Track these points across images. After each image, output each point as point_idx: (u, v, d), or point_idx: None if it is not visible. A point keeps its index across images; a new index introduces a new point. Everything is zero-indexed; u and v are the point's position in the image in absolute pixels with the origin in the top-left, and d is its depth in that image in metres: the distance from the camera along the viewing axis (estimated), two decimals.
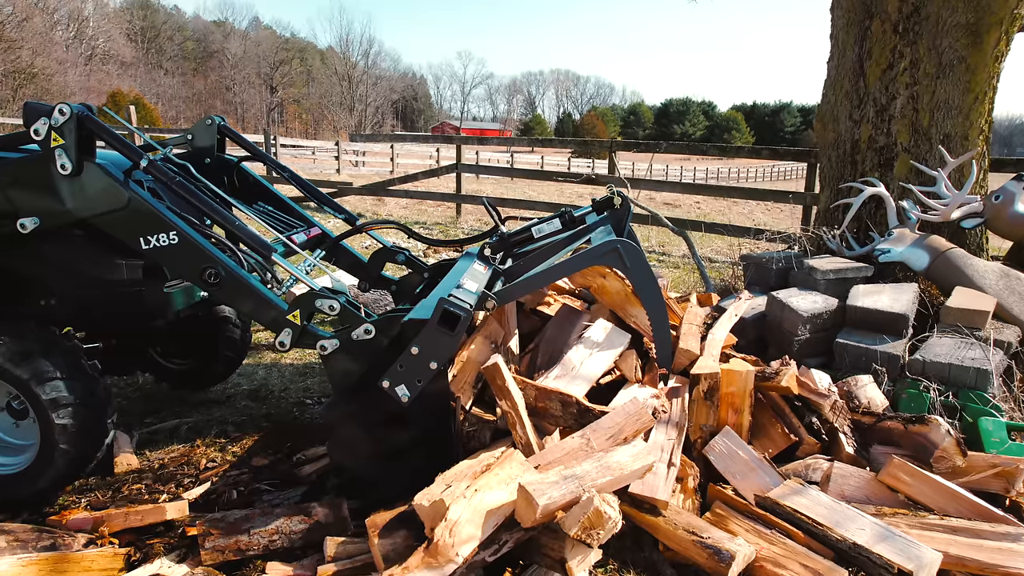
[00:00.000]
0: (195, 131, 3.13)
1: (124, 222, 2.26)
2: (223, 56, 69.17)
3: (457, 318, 2.03)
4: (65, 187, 2.23)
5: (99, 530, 2.17)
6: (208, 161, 3.11)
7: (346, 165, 22.07)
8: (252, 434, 3.22)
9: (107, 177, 2.21)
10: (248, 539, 2.06)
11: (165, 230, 2.24)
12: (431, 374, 2.08)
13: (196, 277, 2.26)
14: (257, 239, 2.31)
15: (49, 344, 2.38)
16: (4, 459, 2.47)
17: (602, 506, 1.70)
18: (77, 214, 2.29)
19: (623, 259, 2.32)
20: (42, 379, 2.29)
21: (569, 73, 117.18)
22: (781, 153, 9.20)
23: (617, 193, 2.82)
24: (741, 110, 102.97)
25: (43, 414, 2.30)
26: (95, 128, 2.21)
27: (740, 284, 4.84)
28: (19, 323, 2.42)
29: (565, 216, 2.85)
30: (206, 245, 2.25)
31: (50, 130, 2.17)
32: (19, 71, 30.44)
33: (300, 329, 2.23)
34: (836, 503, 2.17)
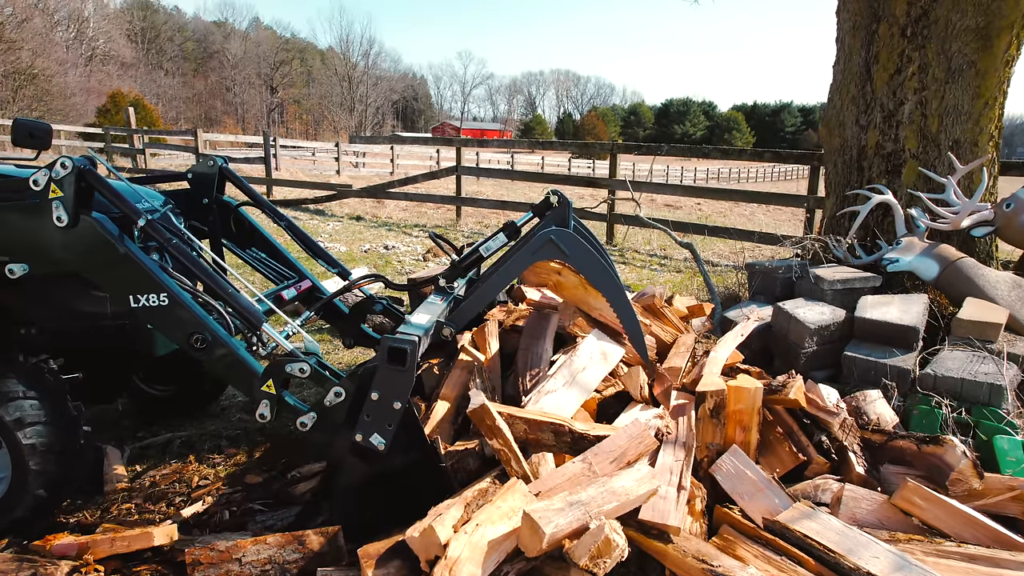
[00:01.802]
0: (196, 170, 3.07)
1: (115, 278, 2.21)
2: (223, 57, 69.15)
3: (404, 352, 2.01)
4: (59, 239, 2.19)
5: (84, 557, 2.09)
6: (206, 201, 3.06)
7: (346, 166, 22.01)
8: (246, 449, 3.15)
9: (103, 232, 2.16)
10: (240, 569, 1.98)
11: (156, 291, 2.19)
12: (398, 415, 2.05)
13: (183, 341, 2.21)
14: (249, 309, 2.26)
15: (10, 366, 2.32)
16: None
17: (611, 534, 1.63)
18: (68, 266, 2.24)
19: (559, 247, 2.34)
20: (4, 399, 2.23)
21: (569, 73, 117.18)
22: (784, 156, 9.12)
23: (553, 192, 2.79)
24: (741, 110, 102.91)
25: (10, 437, 2.23)
26: (95, 183, 2.16)
27: (744, 291, 4.77)
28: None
29: (508, 229, 2.82)
30: (196, 310, 2.20)
31: (49, 182, 2.13)
32: (19, 72, 30.38)
33: (277, 399, 2.19)
34: (848, 528, 2.09)
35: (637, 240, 9.69)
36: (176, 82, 61.46)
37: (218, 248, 3.09)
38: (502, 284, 2.49)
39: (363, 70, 77.37)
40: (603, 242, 9.20)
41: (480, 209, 11.74)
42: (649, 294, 3.21)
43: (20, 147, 2.62)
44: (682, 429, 2.42)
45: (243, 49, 71.16)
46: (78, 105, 35.52)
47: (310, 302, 3.05)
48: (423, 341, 2.14)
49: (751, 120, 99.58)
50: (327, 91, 73.95)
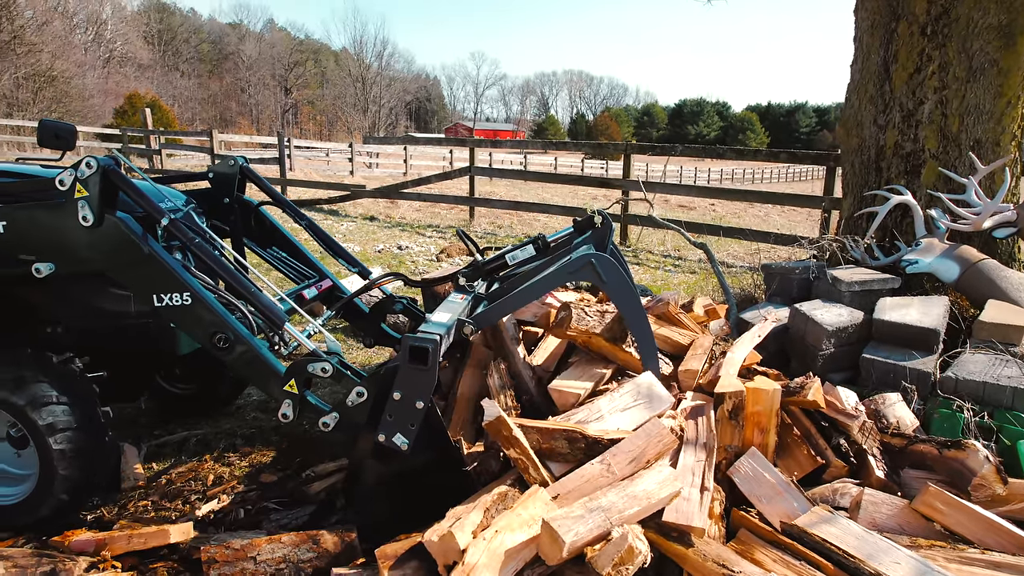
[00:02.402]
0: (217, 169, 3.09)
1: (140, 278, 2.23)
2: (238, 58, 69.71)
3: (425, 351, 2.00)
4: (85, 238, 2.21)
5: (102, 553, 2.11)
6: (227, 200, 3.08)
7: (359, 167, 22.10)
8: (261, 448, 3.16)
9: (127, 232, 2.18)
10: (255, 567, 1.99)
11: (179, 290, 2.20)
12: (420, 414, 2.04)
13: (206, 340, 2.22)
14: (271, 309, 2.26)
15: (45, 369, 2.34)
16: (6, 489, 2.43)
17: (634, 542, 1.62)
18: (93, 264, 2.26)
19: (598, 272, 2.34)
20: (38, 404, 2.25)
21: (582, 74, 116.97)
22: (800, 157, 9.04)
23: (597, 212, 2.78)
24: (756, 110, 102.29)
25: (41, 440, 2.26)
26: (119, 182, 2.18)
27: (760, 293, 4.73)
28: (14, 349, 2.39)
29: (538, 242, 2.82)
30: (219, 310, 2.21)
31: (75, 181, 2.15)
32: (39, 74, 30.75)
33: (300, 399, 2.19)
34: (868, 533, 2.06)
35: (651, 241, 9.64)
36: (192, 83, 62.02)
37: (239, 247, 3.10)
38: (533, 296, 2.49)
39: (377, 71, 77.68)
40: (617, 243, 9.20)
41: (493, 210, 11.75)
42: (664, 301, 3.19)
43: (45, 148, 2.64)
44: (702, 429, 2.39)
45: (258, 50, 71.69)
46: (96, 106, 35.91)
47: (331, 301, 3.06)
48: (444, 340, 2.14)
49: (765, 120, 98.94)
50: (341, 92, 74.31)
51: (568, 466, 2.09)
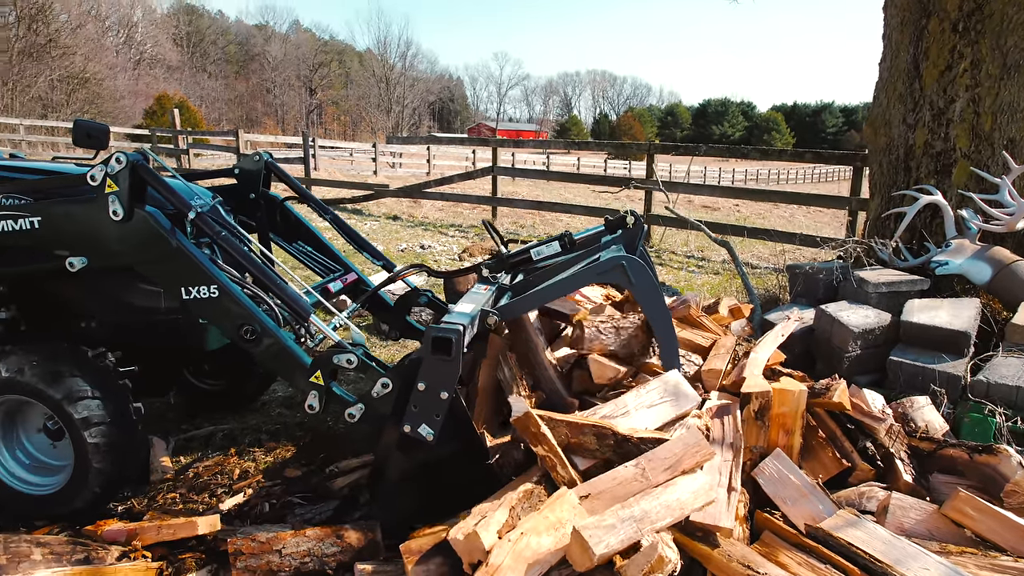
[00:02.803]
0: (242, 165, 3.13)
1: (168, 271, 2.27)
2: (264, 59, 70.53)
3: (449, 342, 2.01)
4: (115, 232, 2.26)
5: (132, 543, 2.16)
6: (253, 196, 3.12)
7: (383, 167, 22.25)
8: (286, 443, 3.21)
9: (155, 226, 2.22)
10: (280, 560, 2.02)
11: (207, 283, 2.24)
12: (445, 404, 2.05)
13: (233, 332, 2.25)
14: (297, 301, 2.29)
15: (81, 364, 2.39)
16: (42, 479, 2.50)
17: (664, 551, 1.61)
18: (124, 258, 2.31)
19: (628, 275, 2.33)
20: (74, 398, 2.30)
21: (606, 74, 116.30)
22: (825, 157, 8.92)
23: (630, 213, 2.76)
24: (781, 110, 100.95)
25: (76, 434, 2.31)
26: (148, 177, 2.22)
27: (785, 294, 4.67)
28: (52, 344, 2.45)
29: (564, 240, 2.81)
30: (246, 302, 2.24)
31: (105, 177, 2.20)
32: (73, 76, 31.46)
33: (325, 390, 2.21)
34: (895, 538, 2.03)
35: (675, 241, 9.58)
36: (218, 84, 62.87)
37: (265, 242, 3.14)
38: (560, 293, 2.50)
39: (400, 71, 78.12)
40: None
41: (515, 209, 11.75)
42: (686, 304, 3.16)
43: (80, 147, 2.70)
44: (728, 429, 2.37)
45: (283, 51, 72.45)
46: (126, 107, 36.59)
47: (356, 295, 3.09)
48: (468, 330, 2.14)
49: (791, 120, 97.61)
50: (365, 92, 74.84)
51: (594, 461, 2.08)
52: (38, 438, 2.56)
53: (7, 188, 2.44)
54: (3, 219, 2.33)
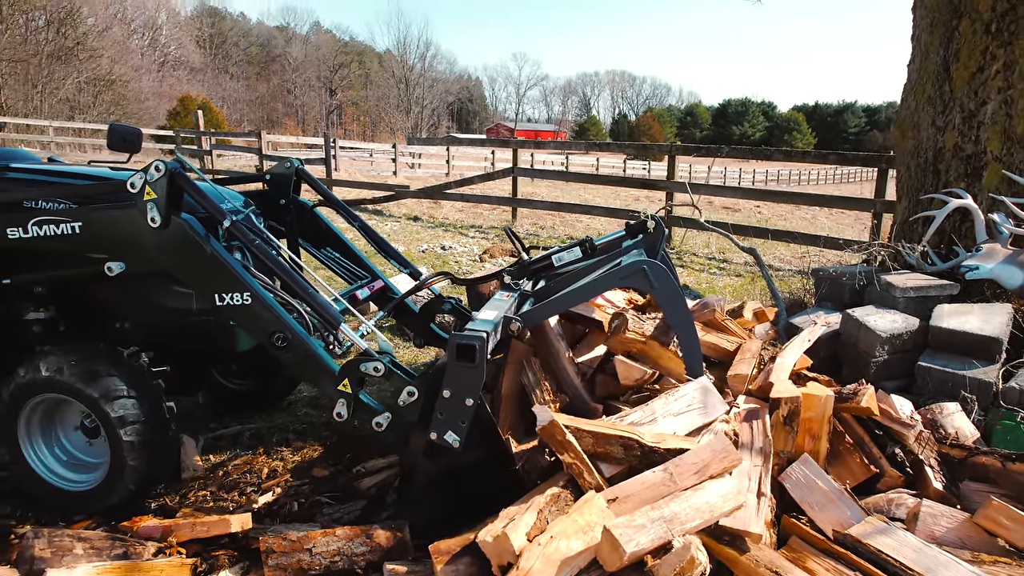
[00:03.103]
0: (274, 171, 3.18)
1: (202, 277, 2.31)
2: (285, 60, 71.20)
3: (473, 348, 2.02)
4: (152, 238, 2.31)
5: (168, 539, 2.20)
6: (283, 202, 3.17)
7: (402, 167, 22.37)
8: (313, 443, 3.24)
9: (191, 233, 2.27)
10: (310, 559, 2.04)
11: (240, 290, 2.27)
12: (470, 411, 2.07)
13: (265, 339, 2.29)
14: (328, 310, 2.32)
15: (117, 364, 2.45)
16: (79, 476, 2.56)
17: (696, 553, 1.62)
18: (160, 264, 2.36)
19: (650, 279, 2.32)
20: (111, 397, 2.36)
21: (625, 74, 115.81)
22: (850, 158, 8.82)
23: (651, 217, 2.76)
24: (802, 110, 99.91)
25: (112, 432, 2.37)
26: (185, 185, 2.27)
27: (809, 297, 4.64)
28: (89, 344, 2.51)
29: (585, 245, 2.82)
30: (278, 310, 2.28)
31: (144, 184, 2.25)
32: (99, 78, 32.06)
33: (353, 398, 2.24)
34: (926, 546, 2.01)
35: (696, 243, 9.54)
36: (240, 85, 63.57)
37: (295, 248, 3.19)
38: (582, 298, 2.50)
39: (419, 72, 78.42)
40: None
41: (535, 210, 11.76)
42: (710, 307, 3.15)
43: (114, 150, 2.76)
44: (757, 435, 2.36)
45: (304, 53, 73.08)
46: (151, 109, 37.16)
47: (382, 302, 3.12)
48: (491, 337, 2.16)
49: (812, 121, 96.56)
50: (384, 93, 75.27)
51: (620, 468, 2.09)
52: (75, 436, 2.62)
53: (50, 193, 2.51)
54: (47, 224, 2.39)
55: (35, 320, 2.69)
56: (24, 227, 2.42)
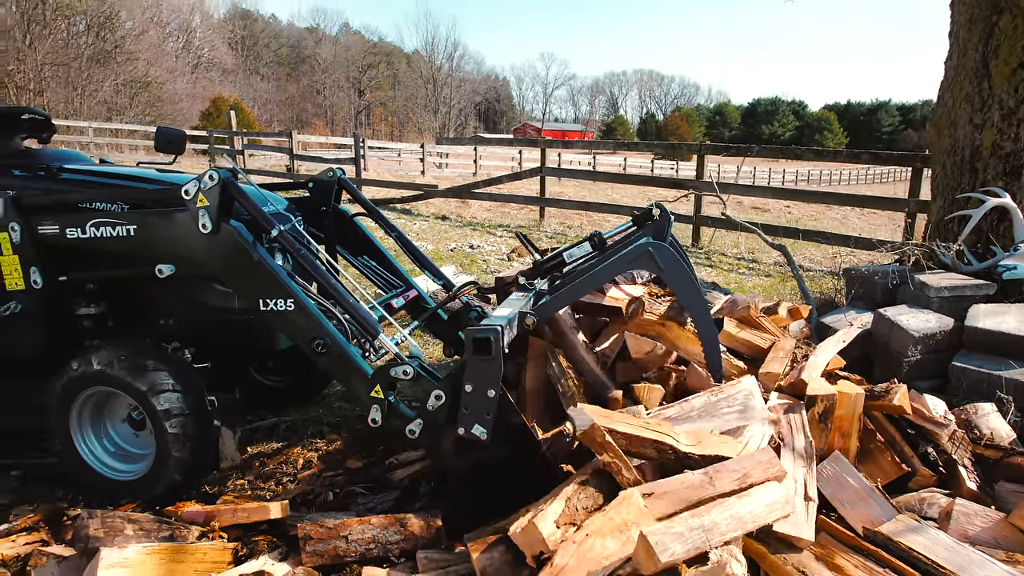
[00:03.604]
0: (317, 179, 3.27)
1: (249, 283, 2.40)
2: (314, 61, 72.06)
3: (488, 341, 2.08)
4: (203, 244, 2.40)
5: (210, 524, 2.28)
6: (324, 209, 3.25)
7: (430, 167, 22.54)
8: (346, 435, 3.32)
9: (240, 239, 2.36)
10: (346, 546, 2.11)
11: (284, 296, 2.36)
12: (493, 402, 2.12)
13: (305, 344, 2.37)
14: (367, 319, 2.40)
15: (163, 359, 2.54)
16: (126, 466, 2.66)
17: (732, 567, 1.62)
18: (209, 268, 2.47)
19: (656, 261, 2.31)
20: (157, 391, 2.45)
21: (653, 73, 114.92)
22: (883, 157, 8.68)
23: (656, 205, 2.78)
24: (834, 109, 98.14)
25: (158, 423, 2.46)
26: (236, 194, 2.36)
27: (841, 297, 4.60)
28: (138, 340, 2.61)
29: (595, 239, 2.84)
30: (319, 317, 2.35)
31: (198, 191, 2.34)
32: (136, 80, 32.87)
33: (386, 403, 2.30)
34: (959, 545, 2.01)
35: (724, 243, 9.47)
36: (271, 86, 64.48)
37: (332, 254, 3.27)
38: (592, 286, 2.54)
39: (447, 72, 78.80)
40: (689, 245, 9.08)
41: (563, 210, 11.77)
42: (743, 304, 3.15)
43: (160, 152, 2.86)
44: (798, 436, 2.35)
45: (333, 53, 73.87)
46: (184, 109, 37.92)
47: (416, 311, 3.20)
48: (506, 330, 2.20)
49: (844, 120, 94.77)
50: (412, 93, 75.77)
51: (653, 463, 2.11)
52: (123, 428, 2.72)
53: (106, 195, 2.62)
54: (104, 225, 2.50)
55: (86, 315, 2.80)
56: (83, 228, 2.53)
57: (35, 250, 2.61)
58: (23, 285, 2.65)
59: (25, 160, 2.96)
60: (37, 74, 27.70)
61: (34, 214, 2.59)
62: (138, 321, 2.89)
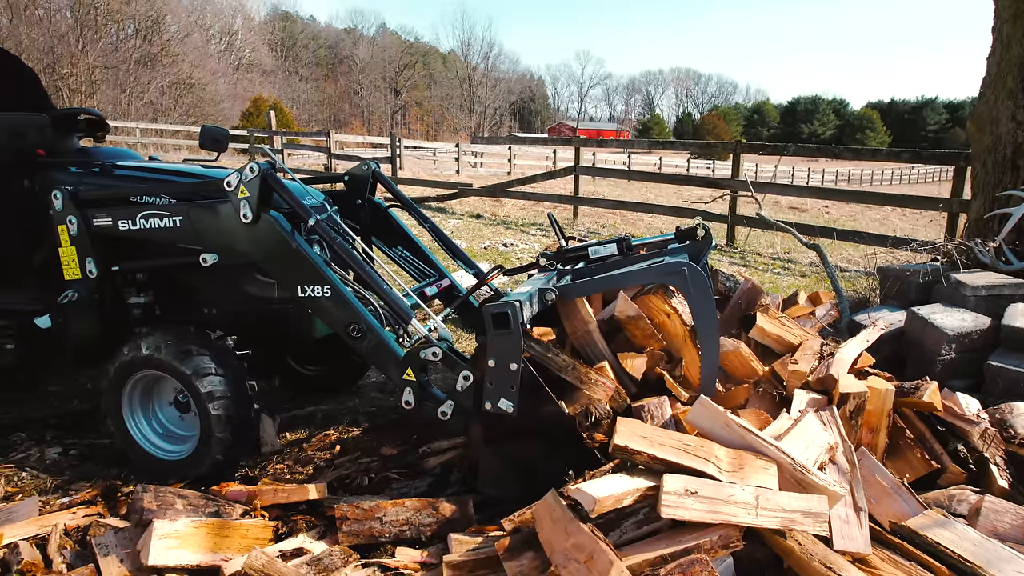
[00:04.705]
0: (353, 172, 3.38)
1: (287, 270, 2.51)
2: (352, 61, 73.11)
3: (506, 315, 2.15)
4: (244, 233, 2.53)
5: (253, 503, 2.40)
6: (359, 202, 3.36)
7: (465, 166, 22.71)
8: (381, 424, 3.42)
9: (279, 228, 2.47)
10: (381, 527, 2.20)
11: (321, 283, 2.46)
12: (516, 375, 2.18)
13: (341, 329, 2.46)
14: (400, 306, 2.48)
15: (207, 345, 2.67)
16: (173, 447, 2.80)
17: None
18: (250, 256, 2.59)
19: (687, 283, 2.31)
20: (201, 374, 2.57)
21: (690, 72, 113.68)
22: (924, 156, 8.50)
23: (701, 226, 2.78)
24: (877, 108, 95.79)
25: (202, 406, 2.58)
26: (275, 185, 2.47)
27: (875, 297, 4.55)
28: (183, 327, 2.75)
29: (622, 243, 2.87)
30: (355, 303, 2.45)
31: (239, 183, 2.46)
32: (180, 82, 33.86)
33: (419, 386, 2.39)
34: (987, 540, 2.00)
35: (760, 243, 9.38)
36: (309, 86, 65.60)
37: (368, 245, 3.38)
38: (620, 285, 2.59)
39: (483, 72, 79.20)
40: (724, 244, 9.01)
41: (597, 209, 11.78)
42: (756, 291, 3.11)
43: (205, 149, 3.01)
44: (837, 438, 2.32)
45: (370, 54, 74.86)
46: (225, 110, 38.84)
47: (448, 300, 3.28)
48: (525, 306, 2.26)
49: (887, 118, 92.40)
50: (447, 93, 76.35)
51: None
52: (169, 410, 2.87)
53: (155, 189, 2.77)
54: (152, 217, 2.65)
55: (136, 304, 2.96)
56: (133, 220, 2.69)
57: (90, 242, 2.76)
58: (79, 275, 2.81)
59: (81, 157, 3.14)
60: (88, 77, 28.72)
61: (90, 208, 2.76)
62: (183, 310, 3.03)
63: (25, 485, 2.74)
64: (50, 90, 4.13)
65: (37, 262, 3.08)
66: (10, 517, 2.31)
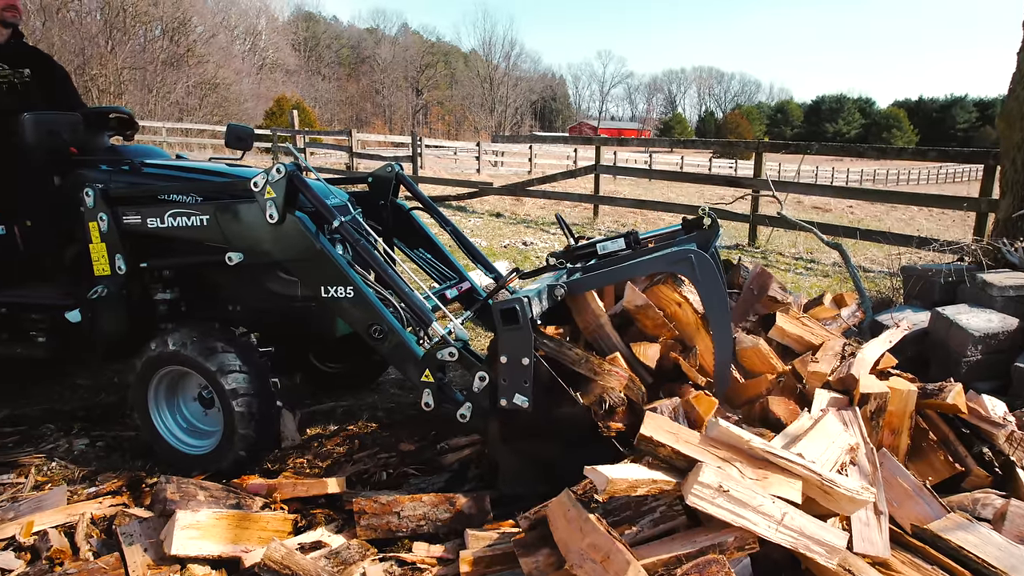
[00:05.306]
0: (376, 174, 3.42)
1: (311, 270, 2.55)
2: (373, 61, 73.55)
3: (514, 311, 2.17)
4: (269, 233, 2.57)
5: (273, 496, 2.43)
6: (382, 203, 3.39)
7: (485, 165, 22.75)
8: (399, 420, 3.45)
9: (303, 229, 2.51)
10: (398, 521, 2.22)
11: (344, 284, 2.49)
12: (528, 370, 2.19)
13: (363, 330, 2.50)
14: (422, 309, 2.50)
15: (231, 342, 2.71)
16: (197, 441, 2.85)
17: None
18: (274, 256, 2.63)
19: (694, 270, 2.31)
20: (225, 371, 2.61)
21: (712, 70, 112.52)
22: (951, 154, 8.33)
23: (707, 215, 2.76)
24: (904, 106, 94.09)
25: (225, 401, 2.62)
26: (301, 186, 2.51)
27: (899, 297, 4.49)
28: (208, 324, 2.79)
29: (630, 238, 2.87)
30: (377, 304, 2.48)
31: (266, 184, 2.50)
32: (205, 82, 34.35)
33: (437, 387, 2.41)
34: (1013, 545, 1.97)
35: (782, 243, 9.28)
36: (331, 86, 66.06)
37: (390, 247, 3.41)
38: (628, 275, 2.59)
39: (504, 71, 79.26)
40: (746, 243, 8.93)
41: (617, 208, 11.73)
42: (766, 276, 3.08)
43: (230, 148, 3.05)
44: (859, 439, 2.30)
45: (392, 54, 75.22)
46: (249, 110, 39.26)
47: (468, 302, 3.30)
48: (534, 302, 2.27)
49: (915, 117, 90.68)
50: (469, 92, 76.52)
51: None
52: (194, 406, 2.92)
53: (182, 187, 2.82)
54: (180, 215, 2.70)
55: (162, 300, 3.02)
56: (162, 218, 2.75)
57: (120, 238, 2.82)
58: (109, 271, 2.87)
59: (112, 156, 3.20)
60: (117, 77, 29.23)
61: (119, 205, 2.81)
62: (208, 307, 3.08)
63: (54, 475, 2.82)
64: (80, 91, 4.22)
65: (68, 258, 3.15)
66: (40, 505, 2.38)
